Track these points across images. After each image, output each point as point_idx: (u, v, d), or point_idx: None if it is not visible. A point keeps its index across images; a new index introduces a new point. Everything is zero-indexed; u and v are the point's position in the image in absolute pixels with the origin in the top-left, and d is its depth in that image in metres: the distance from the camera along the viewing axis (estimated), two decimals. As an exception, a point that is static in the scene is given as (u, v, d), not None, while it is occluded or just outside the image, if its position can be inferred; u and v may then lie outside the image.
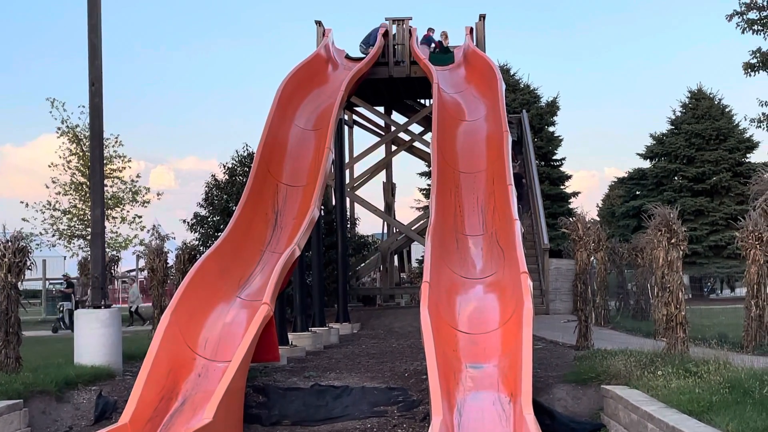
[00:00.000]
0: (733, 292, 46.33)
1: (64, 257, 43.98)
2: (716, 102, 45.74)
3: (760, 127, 31.68)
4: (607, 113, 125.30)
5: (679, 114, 46.22)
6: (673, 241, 12.82)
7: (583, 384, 11.45)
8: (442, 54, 24.39)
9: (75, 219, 34.06)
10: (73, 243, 34.57)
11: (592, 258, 19.57)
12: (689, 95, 46.54)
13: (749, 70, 31.36)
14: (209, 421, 9.40)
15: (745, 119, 35.02)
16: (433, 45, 24.94)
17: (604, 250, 23.04)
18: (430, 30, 25.59)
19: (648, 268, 20.69)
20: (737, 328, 16.65)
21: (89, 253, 17.92)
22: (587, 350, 14.52)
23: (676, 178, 44.91)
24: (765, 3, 30.84)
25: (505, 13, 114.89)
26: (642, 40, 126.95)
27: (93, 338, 12.95)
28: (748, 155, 44.42)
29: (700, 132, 44.18)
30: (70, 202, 34.39)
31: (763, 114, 31.26)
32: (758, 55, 31.19)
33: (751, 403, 8.43)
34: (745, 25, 31.15)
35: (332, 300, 22.69)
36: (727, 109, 45.41)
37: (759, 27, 30.95)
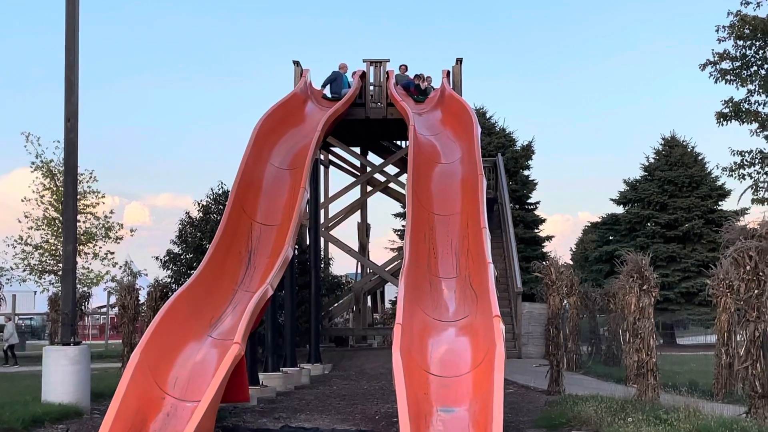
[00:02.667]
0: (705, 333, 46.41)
1: (35, 292, 43.60)
2: (689, 149, 46.19)
3: (731, 176, 31.96)
4: (581, 158, 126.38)
5: (652, 161, 46.62)
6: (645, 287, 12.91)
7: (554, 430, 11.43)
8: (420, 95, 24.56)
9: (47, 254, 33.80)
10: (44, 278, 34.28)
11: (565, 302, 19.66)
12: (663, 142, 47.00)
13: (721, 120, 31.71)
14: (177, 462, 9.29)
15: (717, 167, 35.41)
16: (411, 88, 24.99)
17: (577, 295, 23.16)
18: (403, 67, 25.59)
19: (620, 313, 20.79)
20: (708, 376, 16.74)
21: (60, 288, 17.78)
22: (558, 395, 14.53)
23: (648, 224, 45.19)
24: (737, 54, 31.26)
25: (482, 57, 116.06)
26: (618, 87, 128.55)
27: (61, 375, 12.81)
28: (720, 203, 44.80)
29: (673, 179, 44.57)
30: (42, 237, 34.15)
31: (735, 163, 31.55)
32: (730, 104, 31.54)
33: (720, 451, 8.45)
34: (718, 75, 31.51)
35: (304, 340, 22.59)
36: (699, 157, 45.86)
37: (731, 77, 31.31)
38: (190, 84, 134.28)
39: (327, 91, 23.87)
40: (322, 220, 26.15)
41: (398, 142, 28.29)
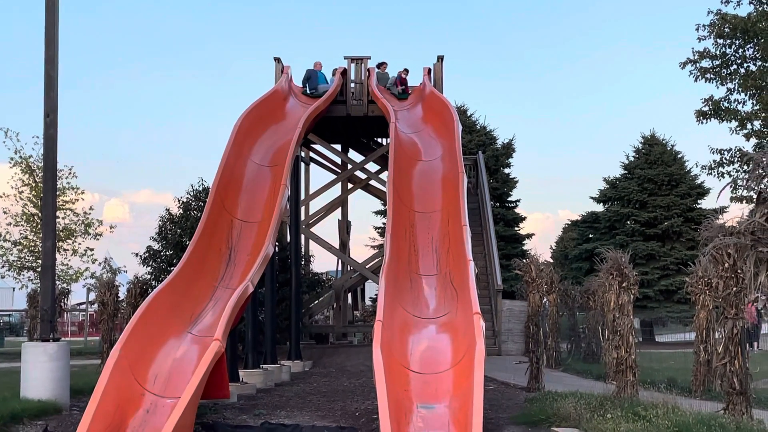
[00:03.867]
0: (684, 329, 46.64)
1: (14, 289, 43.34)
2: (669, 148, 46.36)
3: (710, 174, 32.17)
4: (562, 156, 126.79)
5: (632, 159, 46.78)
6: (624, 284, 12.97)
7: (534, 426, 11.48)
8: (400, 93, 24.60)
9: (26, 250, 33.57)
10: (23, 275, 34.05)
11: (545, 300, 19.73)
12: (642, 141, 47.15)
13: (701, 118, 31.91)
14: (156, 459, 9.27)
15: (696, 166, 35.59)
16: (396, 84, 24.95)
17: (557, 293, 23.24)
18: (384, 65, 25.58)
19: (599, 311, 20.88)
20: (686, 372, 16.84)
21: (39, 285, 17.69)
22: (538, 392, 14.59)
23: (628, 222, 45.36)
24: (717, 52, 31.46)
25: (463, 55, 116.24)
26: (598, 84, 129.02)
27: (40, 372, 12.75)
28: (699, 201, 45.00)
29: (653, 177, 44.74)
30: (21, 233, 33.91)
31: (714, 161, 31.76)
32: (710, 103, 31.76)
33: (699, 447, 8.51)
34: (698, 73, 31.72)
35: (284, 337, 22.57)
36: (679, 155, 46.03)
37: (711, 75, 31.54)
38: (170, 79, 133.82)
39: (308, 89, 23.89)
40: (302, 217, 26.14)
41: (379, 140, 28.32)
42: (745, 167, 29.22)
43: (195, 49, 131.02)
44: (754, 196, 5.03)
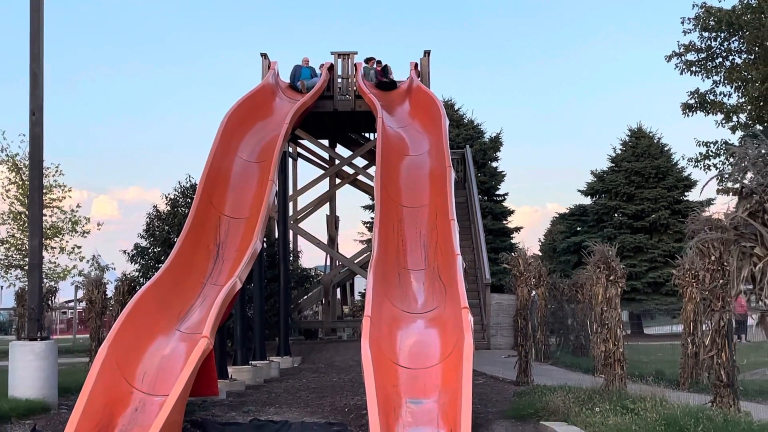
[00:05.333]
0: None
1: (1, 287, 43.13)
2: (655, 141, 46.51)
3: (696, 166, 32.26)
4: (550, 149, 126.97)
5: (619, 152, 46.91)
6: (611, 278, 13.00)
7: (522, 420, 11.51)
8: (388, 85, 24.62)
9: (13, 249, 33.43)
10: (10, 273, 33.91)
11: (533, 293, 19.76)
12: (629, 133, 47.29)
13: (687, 111, 31.97)
14: (145, 457, 9.27)
15: (683, 158, 35.67)
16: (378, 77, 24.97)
17: (545, 286, 23.29)
18: (372, 61, 25.58)
19: (588, 304, 20.93)
20: (675, 365, 16.90)
21: (26, 283, 17.62)
22: (527, 386, 14.63)
23: (616, 214, 45.51)
24: (702, 45, 31.51)
25: (449, 48, 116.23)
26: (584, 78, 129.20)
27: (28, 371, 12.72)
28: (686, 194, 45.18)
29: (640, 170, 44.88)
30: (8, 232, 33.77)
31: (700, 154, 31.84)
32: (696, 96, 31.82)
33: (686, 440, 8.55)
34: (684, 66, 31.74)
35: (273, 333, 22.55)
36: (666, 148, 46.19)
37: (696, 68, 31.57)
38: (157, 75, 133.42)
39: (297, 84, 23.89)
40: (290, 213, 26.10)
41: (367, 135, 28.29)
42: (731, 160, 29.32)
43: (181, 45, 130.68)
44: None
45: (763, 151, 4.75)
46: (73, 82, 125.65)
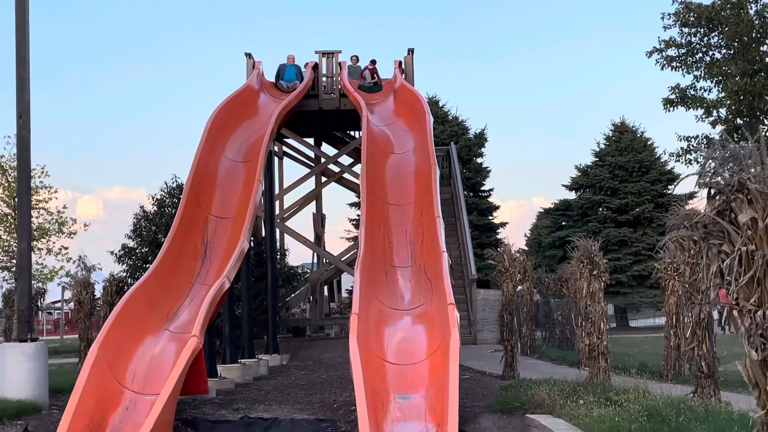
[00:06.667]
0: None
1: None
2: (639, 135, 46.80)
3: (678, 161, 32.61)
4: (535, 144, 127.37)
5: (603, 146, 47.18)
6: (594, 272, 13.19)
7: (509, 413, 11.66)
8: (373, 86, 24.71)
9: (0, 250, 33.43)
10: (-2, 275, 33.90)
11: (519, 288, 19.95)
12: (613, 128, 47.58)
13: (668, 106, 32.26)
14: (137, 455, 9.40)
15: (665, 153, 35.99)
16: (368, 76, 25.03)
17: (531, 281, 23.50)
18: (354, 58, 25.70)
19: (573, 298, 21.15)
20: (658, 357, 17.12)
21: (14, 285, 17.70)
22: (513, 380, 14.80)
23: (600, 209, 45.79)
24: (683, 41, 31.81)
25: (433, 45, 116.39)
26: (568, 73, 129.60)
27: (19, 372, 12.79)
28: (669, 187, 45.50)
29: (624, 164, 45.16)
30: (-5, 234, 33.74)
31: (682, 148, 32.16)
32: (676, 91, 32.12)
33: (668, 430, 8.73)
34: (664, 62, 32.07)
35: (262, 331, 22.65)
36: (649, 142, 46.49)
37: (677, 64, 31.89)
38: (142, 75, 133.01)
39: (283, 83, 23.99)
40: (277, 212, 26.21)
41: (352, 133, 28.44)
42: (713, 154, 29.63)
43: (166, 44, 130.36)
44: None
45: (728, 153, 4.94)
46: (56, 81, 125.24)
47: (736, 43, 30.76)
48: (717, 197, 5.05)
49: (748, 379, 5.39)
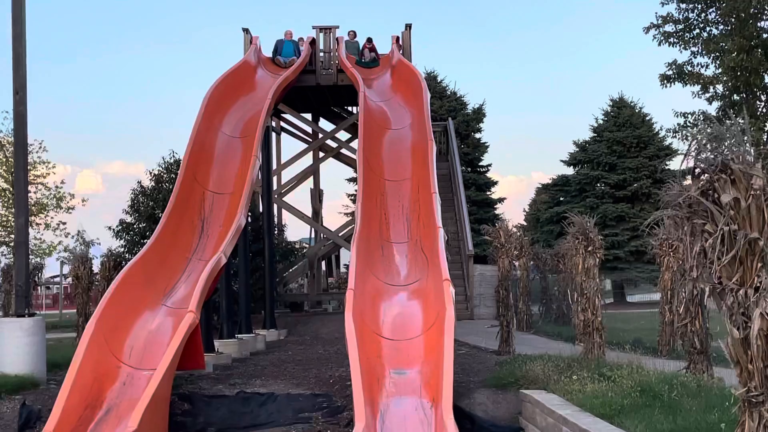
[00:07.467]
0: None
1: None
2: (637, 110, 46.76)
3: (675, 137, 32.61)
4: (534, 118, 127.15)
5: (601, 122, 47.15)
6: (589, 248, 13.21)
7: (503, 389, 11.76)
8: (370, 62, 24.65)
9: (-2, 225, 33.46)
10: (-4, 250, 33.93)
11: (516, 263, 20.01)
12: (611, 104, 47.53)
13: (665, 82, 32.19)
14: (134, 430, 9.48)
15: (662, 129, 35.99)
16: (367, 55, 24.96)
17: (527, 256, 23.57)
18: (351, 33, 25.63)
19: (569, 273, 21.21)
20: (654, 333, 17.20)
21: (12, 260, 17.76)
22: (508, 355, 14.89)
23: (598, 184, 45.83)
24: (680, 16, 31.72)
25: (431, 20, 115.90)
26: (566, 48, 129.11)
27: (16, 347, 12.86)
28: (667, 163, 45.52)
29: (622, 140, 45.15)
30: (-7, 209, 33.75)
31: (679, 124, 32.15)
32: (674, 67, 32.04)
33: (660, 406, 8.81)
34: (662, 38, 31.96)
35: (259, 306, 22.72)
36: (647, 118, 46.46)
37: (674, 40, 31.80)
38: (142, 51, 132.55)
39: (280, 58, 23.93)
40: (274, 187, 26.21)
41: (349, 108, 28.40)
42: (709, 130, 29.61)
43: (165, 21, 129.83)
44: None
45: (713, 134, 4.98)
46: (57, 58, 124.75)
47: (732, 19, 30.66)
48: (701, 177, 5.11)
49: (730, 357, 5.47)
